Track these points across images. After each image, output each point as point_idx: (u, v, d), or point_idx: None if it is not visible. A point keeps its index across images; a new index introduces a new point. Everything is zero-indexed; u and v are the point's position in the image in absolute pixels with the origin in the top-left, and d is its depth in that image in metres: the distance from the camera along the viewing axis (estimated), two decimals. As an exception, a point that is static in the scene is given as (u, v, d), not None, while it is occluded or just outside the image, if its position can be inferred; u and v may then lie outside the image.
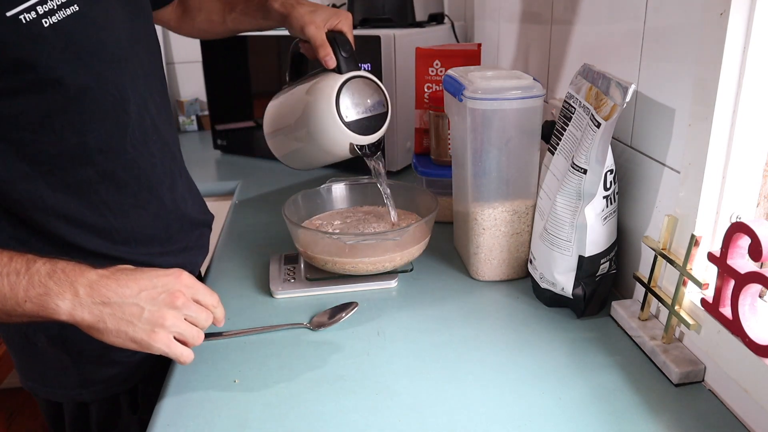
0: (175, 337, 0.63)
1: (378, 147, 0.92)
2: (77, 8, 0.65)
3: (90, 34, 0.68)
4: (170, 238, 0.87)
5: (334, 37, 0.85)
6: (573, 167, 0.75)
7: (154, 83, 0.83)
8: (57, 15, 0.63)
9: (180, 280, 0.64)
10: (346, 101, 0.85)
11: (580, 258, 0.78)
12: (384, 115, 0.89)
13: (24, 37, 0.62)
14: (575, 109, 0.78)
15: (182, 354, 0.64)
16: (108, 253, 0.79)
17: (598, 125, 0.71)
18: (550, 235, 0.80)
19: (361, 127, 0.86)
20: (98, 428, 0.88)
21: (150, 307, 0.62)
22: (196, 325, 0.65)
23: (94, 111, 0.72)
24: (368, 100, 0.87)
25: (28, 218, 0.74)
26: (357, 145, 0.87)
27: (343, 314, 0.83)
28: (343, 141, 0.86)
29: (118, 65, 0.73)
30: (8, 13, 0.60)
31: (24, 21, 0.61)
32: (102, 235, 0.78)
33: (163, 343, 0.62)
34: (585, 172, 0.74)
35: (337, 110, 0.84)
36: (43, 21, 0.62)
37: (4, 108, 0.65)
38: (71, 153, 0.72)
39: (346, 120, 0.84)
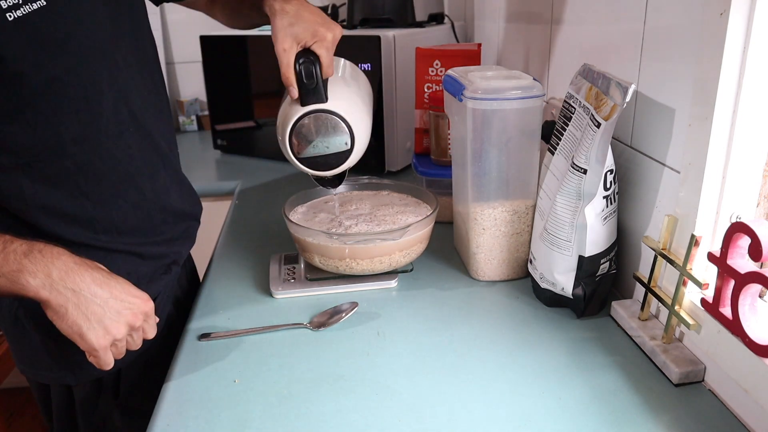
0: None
1: (340, 179, 0.90)
2: (44, 3, 0.66)
3: (57, 27, 0.68)
4: (153, 229, 0.87)
5: (301, 65, 0.80)
6: (573, 167, 0.75)
7: (140, 77, 0.83)
8: (22, 9, 0.64)
9: (146, 305, 0.69)
10: (300, 137, 0.82)
11: (580, 258, 0.78)
12: (345, 153, 0.84)
13: None
14: (575, 109, 0.78)
15: (107, 364, 0.68)
16: (89, 243, 0.80)
17: (598, 125, 0.71)
18: (550, 235, 0.80)
19: (315, 163, 0.83)
20: (81, 411, 0.89)
21: (112, 316, 0.65)
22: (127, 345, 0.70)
23: (65, 103, 0.72)
24: (325, 140, 0.82)
25: (9, 208, 0.76)
26: (314, 177, 0.87)
27: (343, 314, 0.83)
28: (300, 168, 0.85)
29: (91, 59, 0.73)
30: None
31: None
32: (83, 225, 0.79)
33: (103, 350, 0.66)
34: (585, 172, 0.74)
35: (290, 144, 0.82)
36: (7, 15, 0.63)
37: None
38: (46, 144, 0.73)
39: (299, 156, 0.83)
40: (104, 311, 0.65)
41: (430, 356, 0.75)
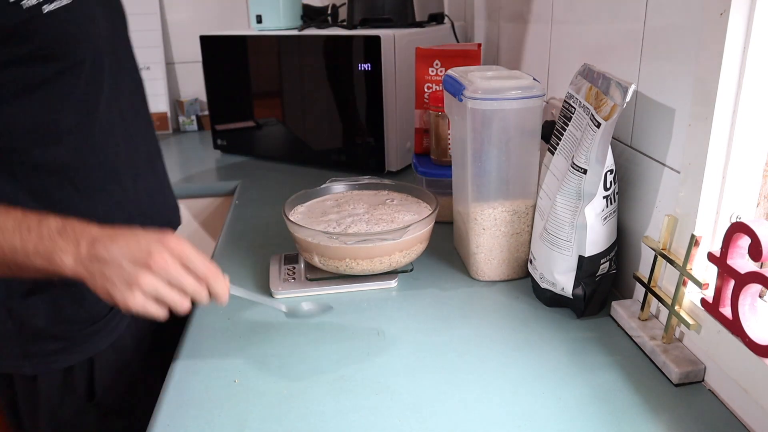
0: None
1: None
2: (69, 1, 0.72)
3: (78, 24, 0.75)
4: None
5: None
6: (573, 167, 0.75)
7: (127, 81, 0.88)
8: (54, 4, 0.70)
9: (163, 242, 0.65)
10: None
11: (580, 258, 0.78)
12: None
13: (23, 19, 0.68)
14: (575, 109, 0.78)
15: (157, 313, 0.65)
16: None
17: (598, 125, 0.71)
18: (550, 235, 0.80)
19: None
20: (47, 403, 0.87)
21: (129, 268, 0.63)
22: (181, 291, 0.66)
23: (70, 93, 0.76)
24: None
25: None
26: None
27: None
28: None
29: (98, 55, 0.79)
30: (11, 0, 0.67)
31: (24, 7, 0.68)
32: (68, 216, 0.79)
33: (138, 305, 0.64)
34: (585, 172, 0.74)
35: None
36: (43, 8, 0.69)
37: None
38: (45, 130, 0.76)
39: None
40: (122, 267, 0.63)
41: (430, 356, 0.75)
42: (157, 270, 0.64)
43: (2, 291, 0.80)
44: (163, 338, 0.93)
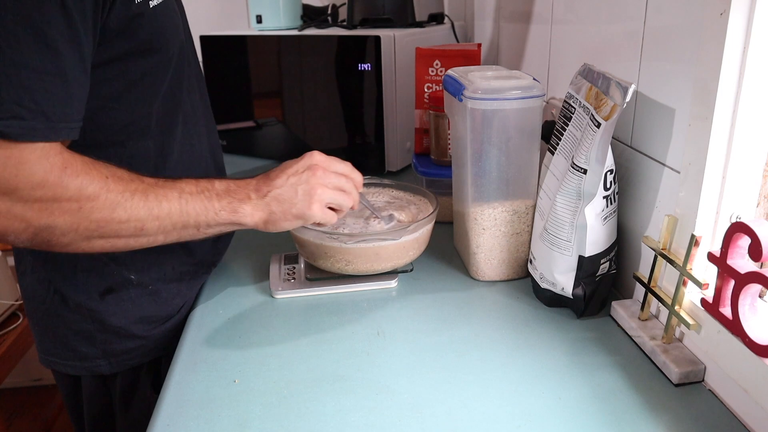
0: (330, 207, 0.79)
1: None
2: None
3: (171, 17, 0.79)
4: None
5: None
6: (573, 167, 0.75)
7: (195, 73, 0.91)
8: (156, 0, 0.74)
9: (313, 158, 0.79)
10: None
11: (580, 258, 0.78)
12: None
13: (135, 14, 0.70)
14: (575, 109, 0.78)
15: (332, 219, 0.79)
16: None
17: (598, 125, 0.71)
18: (550, 235, 0.80)
19: None
20: (120, 402, 0.90)
21: (300, 185, 0.76)
22: (343, 191, 0.79)
23: (161, 86, 0.80)
24: None
25: None
26: None
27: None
28: None
29: (182, 50, 0.83)
30: None
31: (136, 2, 0.70)
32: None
33: (319, 211, 0.77)
34: (585, 172, 0.74)
35: None
36: (150, 3, 0.72)
37: (97, 74, 0.71)
38: (139, 124, 0.79)
39: None
40: (294, 189, 0.76)
41: (430, 356, 0.75)
42: (320, 178, 0.76)
43: (81, 292, 0.82)
44: None
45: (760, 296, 0.63)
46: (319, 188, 0.76)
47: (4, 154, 0.60)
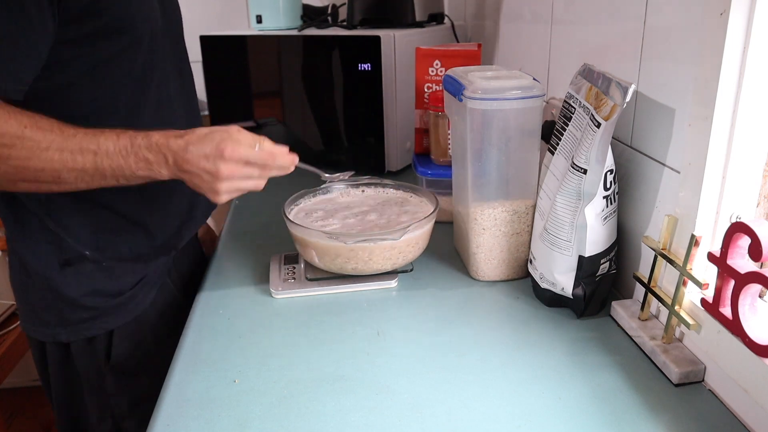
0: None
1: None
2: None
3: (143, 2, 0.81)
4: (170, 205, 0.95)
5: None
6: (573, 167, 0.75)
7: (176, 66, 0.94)
8: None
9: (225, 146, 0.75)
10: None
11: (580, 258, 0.78)
12: None
13: None
14: (575, 109, 0.78)
15: (246, 190, 0.80)
16: (111, 205, 0.88)
17: (598, 125, 0.71)
18: (550, 235, 0.80)
19: None
20: (78, 369, 0.94)
21: (208, 174, 0.75)
22: (250, 179, 0.79)
23: (129, 71, 0.83)
24: None
25: None
26: None
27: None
28: None
29: (153, 39, 0.84)
30: None
31: None
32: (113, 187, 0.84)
33: (226, 194, 0.77)
34: (585, 172, 0.74)
35: None
36: None
37: (66, 51, 0.76)
38: (104, 103, 0.82)
39: None
40: (205, 171, 0.75)
41: (430, 356, 0.75)
42: (227, 176, 0.76)
43: (42, 262, 0.87)
44: (183, 317, 0.96)
45: (760, 296, 0.63)
46: (225, 182, 0.76)
47: None
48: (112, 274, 0.91)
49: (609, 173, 0.75)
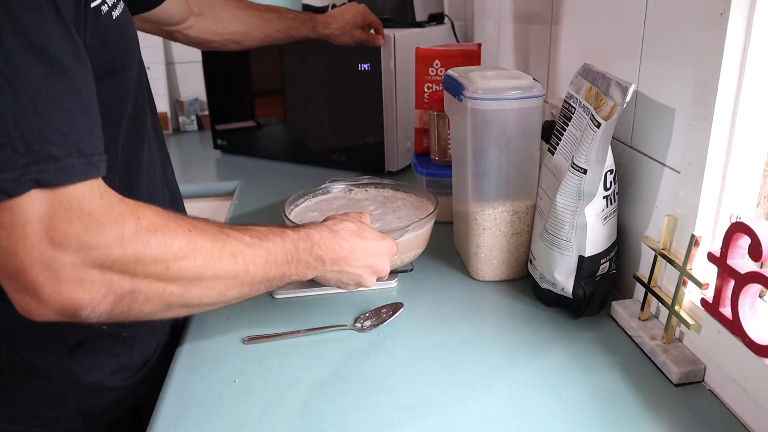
0: None
1: None
2: (124, 6, 0.66)
3: (133, 33, 0.70)
4: None
5: None
6: (573, 167, 0.75)
7: (146, 93, 0.80)
8: (117, 9, 0.64)
9: (388, 257, 0.77)
10: None
11: (580, 258, 0.78)
12: None
13: (102, 27, 0.60)
14: (575, 109, 0.78)
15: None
16: None
17: (598, 125, 0.71)
18: (550, 235, 0.80)
19: None
20: None
21: (365, 276, 0.76)
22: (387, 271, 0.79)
23: (126, 109, 0.70)
24: None
25: None
26: None
27: (392, 315, 0.83)
28: None
29: (140, 67, 0.74)
30: (92, 5, 0.57)
31: (102, 12, 0.60)
32: None
33: (372, 284, 0.78)
34: (585, 172, 0.74)
35: None
36: (113, 14, 0.62)
37: None
38: (107, 154, 0.64)
39: None
40: (358, 276, 0.75)
41: (430, 356, 0.75)
42: (380, 277, 0.78)
43: (46, 353, 0.71)
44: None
45: (760, 296, 0.63)
46: (372, 282, 0.78)
47: (51, 203, 0.48)
48: (135, 342, 0.77)
49: (609, 173, 0.75)
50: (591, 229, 0.76)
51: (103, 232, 0.49)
